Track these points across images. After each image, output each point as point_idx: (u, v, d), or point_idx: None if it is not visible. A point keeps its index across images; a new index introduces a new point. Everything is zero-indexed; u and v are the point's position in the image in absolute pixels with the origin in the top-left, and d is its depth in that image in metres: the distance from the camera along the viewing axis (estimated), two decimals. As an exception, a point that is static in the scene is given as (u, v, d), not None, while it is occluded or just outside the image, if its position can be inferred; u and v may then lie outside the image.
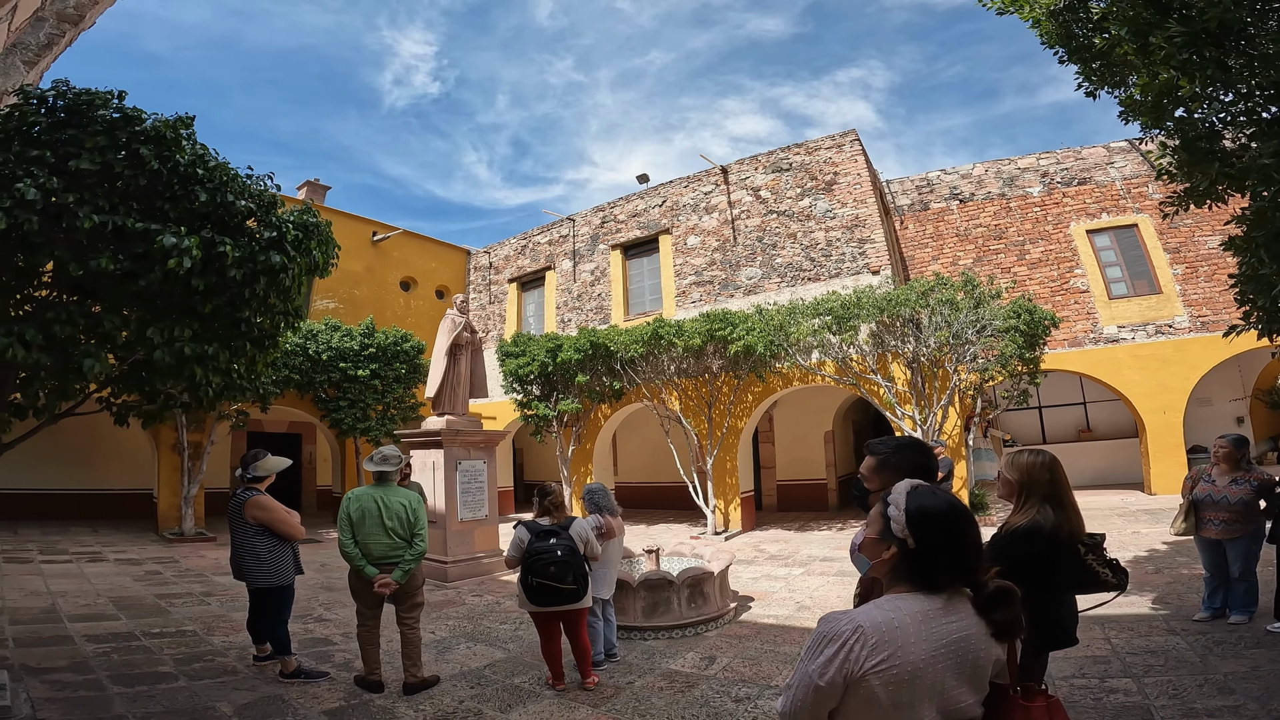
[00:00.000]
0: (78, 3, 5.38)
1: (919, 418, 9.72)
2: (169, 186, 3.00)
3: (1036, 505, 2.54)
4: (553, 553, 4.05)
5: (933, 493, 1.35)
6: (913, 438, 2.07)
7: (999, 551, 2.56)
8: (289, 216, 3.60)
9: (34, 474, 12.57)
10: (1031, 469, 2.57)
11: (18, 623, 5.17)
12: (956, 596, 1.30)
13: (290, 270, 3.59)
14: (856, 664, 1.19)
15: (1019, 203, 12.62)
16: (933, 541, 1.30)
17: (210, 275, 3.25)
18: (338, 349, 12.24)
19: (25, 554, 8.53)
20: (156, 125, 2.89)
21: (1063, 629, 2.53)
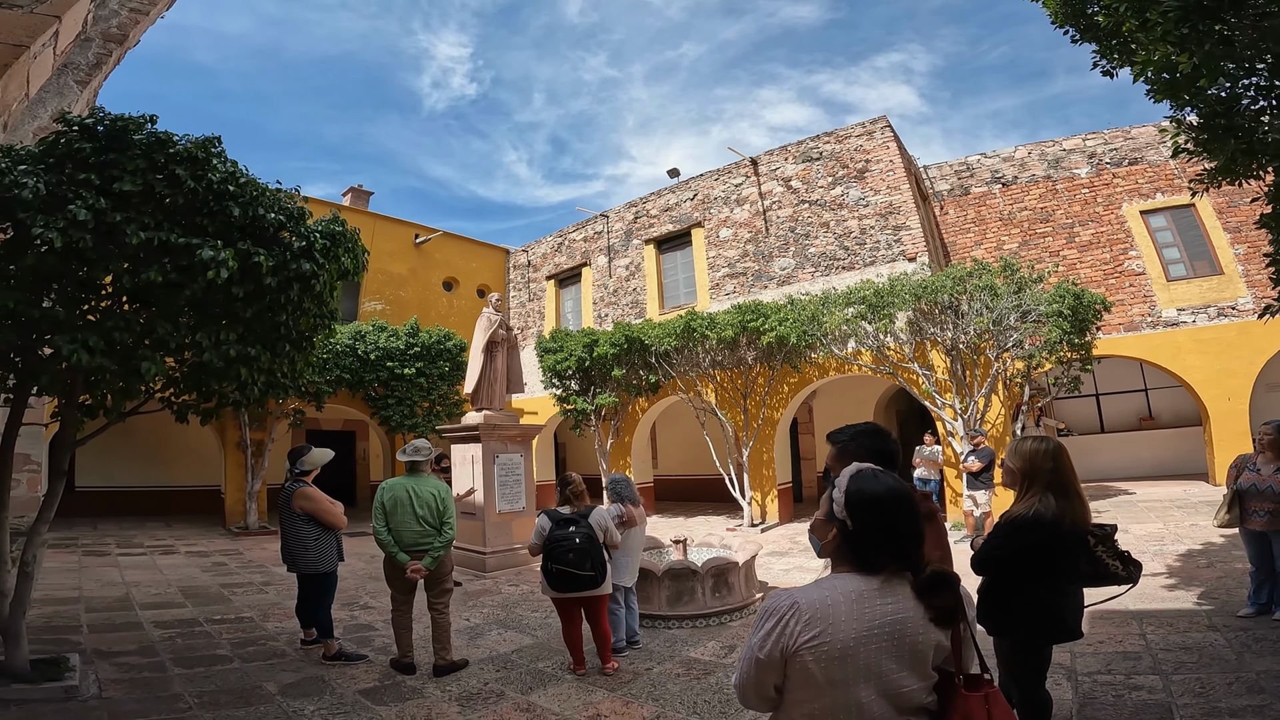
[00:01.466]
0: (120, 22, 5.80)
1: (959, 406, 9.49)
2: (205, 203, 3.27)
3: (1039, 494, 2.48)
4: (571, 540, 4.20)
5: (874, 476, 1.37)
6: (871, 424, 2.09)
7: (999, 541, 2.55)
8: (317, 226, 3.82)
9: (113, 473, 13.60)
10: (1034, 456, 2.52)
11: (93, 610, 5.67)
12: (895, 579, 1.30)
13: (321, 276, 3.81)
14: (791, 639, 1.24)
15: (1066, 185, 12.09)
16: (868, 524, 1.32)
17: (248, 283, 3.51)
18: (385, 349, 12.74)
19: (104, 547, 9.26)
20: (188, 146, 3.15)
21: (1061, 622, 2.47)
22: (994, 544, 2.58)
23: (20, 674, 3.46)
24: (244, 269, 3.42)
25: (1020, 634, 2.53)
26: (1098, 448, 12.87)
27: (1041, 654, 2.61)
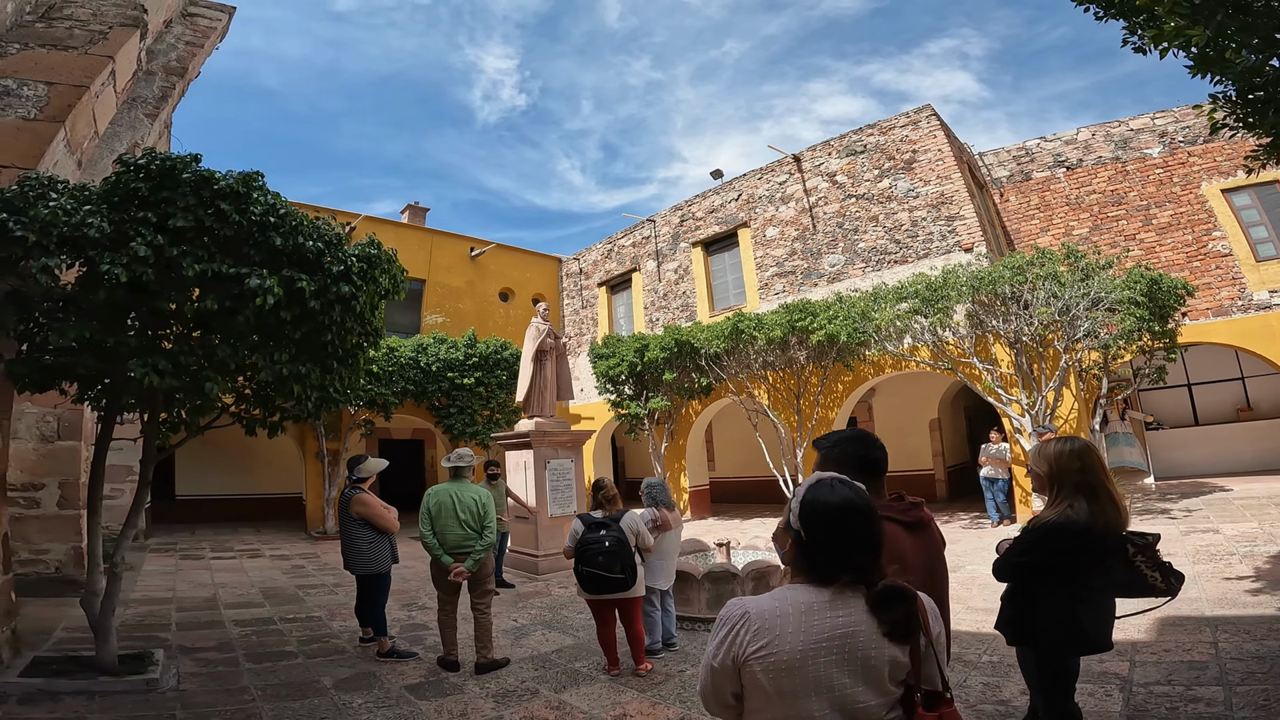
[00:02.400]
0: (179, 55, 6.41)
1: (1027, 402, 9.01)
2: (250, 234, 3.58)
3: (1068, 498, 2.35)
4: (601, 543, 4.31)
5: (830, 486, 1.35)
6: (856, 430, 2.03)
7: (1022, 547, 2.43)
8: (354, 250, 4.10)
9: (210, 483, 14.80)
10: (1059, 458, 2.40)
11: (183, 610, 6.22)
12: (848, 591, 1.27)
13: (360, 297, 4.08)
14: (741, 648, 1.25)
15: (1137, 166, 11.29)
16: (820, 535, 1.30)
17: (295, 307, 3.81)
18: (445, 360, 13.29)
19: (199, 552, 10.10)
20: (230, 183, 3.48)
21: (1083, 632, 2.32)
22: (1017, 550, 2.47)
23: (108, 667, 3.87)
24: (289, 294, 3.71)
25: (1042, 644, 2.41)
26: (1191, 441, 11.89)
27: (1067, 665, 2.47)
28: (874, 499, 1.73)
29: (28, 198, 2.97)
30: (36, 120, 4.30)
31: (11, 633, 4.02)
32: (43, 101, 4.37)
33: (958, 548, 8.25)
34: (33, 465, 6.24)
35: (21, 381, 3.35)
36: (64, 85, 4.42)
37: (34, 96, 4.36)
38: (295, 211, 3.85)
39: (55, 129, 4.29)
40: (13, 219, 2.86)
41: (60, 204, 3.00)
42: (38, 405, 6.27)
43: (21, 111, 4.29)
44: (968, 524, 10.16)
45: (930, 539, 1.90)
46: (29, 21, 4.86)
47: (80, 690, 3.61)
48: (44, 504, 6.22)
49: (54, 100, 4.41)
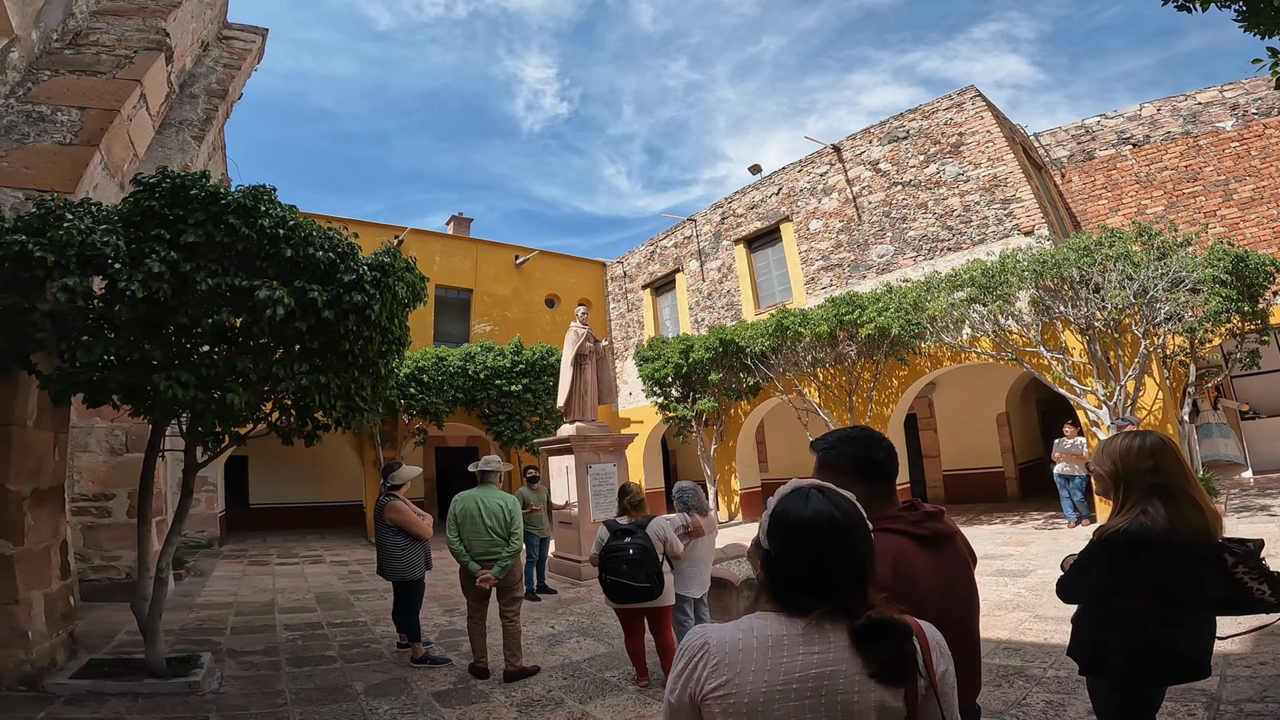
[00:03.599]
0: (219, 78, 6.72)
1: (1104, 392, 8.33)
2: (261, 247, 3.66)
3: (1140, 502, 1.99)
4: (625, 551, 4.17)
5: (806, 497, 1.14)
6: (857, 429, 1.73)
7: (1086, 563, 2.09)
8: (367, 260, 4.13)
9: (281, 491, 15.56)
10: (1126, 456, 2.03)
11: (240, 614, 6.48)
12: (827, 624, 1.07)
13: (374, 306, 4.10)
14: (698, 685, 1.08)
15: (1210, 140, 10.37)
16: (790, 555, 1.11)
17: (309, 318, 3.85)
18: (492, 368, 13.51)
19: (266, 558, 10.58)
20: (238, 197, 3.56)
21: (1173, 658, 1.97)
22: (1081, 567, 2.12)
23: (155, 670, 4.02)
24: (303, 304, 3.76)
25: (1119, 673, 2.04)
26: (1294, 432, 10.74)
27: (1149, 695, 2.12)
28: (880, 509, 1.51)
29: (47, 220, 3.12)
30: (72, 145, 4.54)
31: (69, 635, 4.24)
32: (76, 126, 4.60)
33: (1028, 550, 7.70)
34: (103, 476, 6.65)
35: (55, 397, 3.53)
36: (96, 110, 4.66)
37: (68, 122, 4.60)
38: (305, 223, 3.90)
39: (90, 153, 4.51)
40: (32, 241, 3.01)
41: (76, 224, 3.14)
42: (106, 420, 6.68)
43: (57, 136, 4.53)
44: (1041, 524, 9.50)
45: (952, 555, 1.61)
46: (58, 49, 5.07)
47: (126, 692, 3.76)
48: (114, 513, 6.61)
49: (87, 124, 4.63)
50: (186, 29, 5.87)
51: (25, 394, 3.86)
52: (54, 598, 4.09)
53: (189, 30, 5.92)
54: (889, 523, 1.50)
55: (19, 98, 4.71)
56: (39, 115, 4.61)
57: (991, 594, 5.92)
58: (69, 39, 5.18)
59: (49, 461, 4.35)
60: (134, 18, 5.46)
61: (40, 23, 4.86)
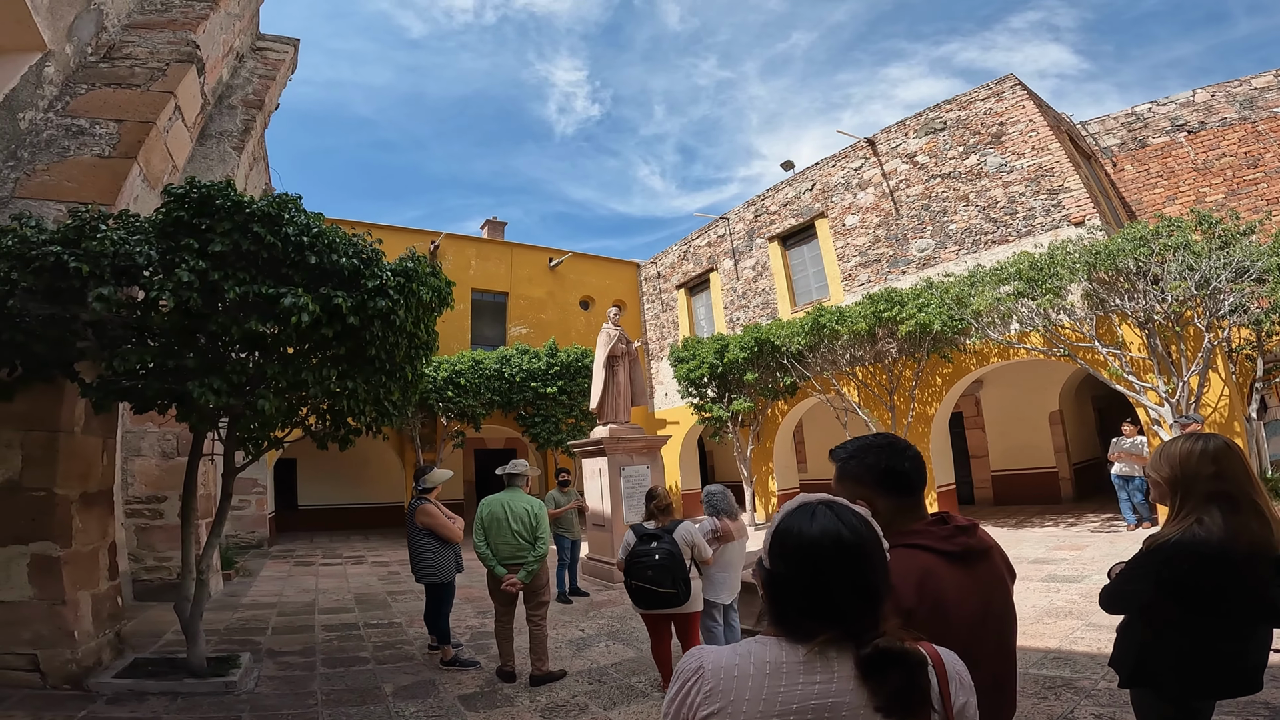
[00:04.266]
0: (255, 89, 6.91)
1: (1165, 389, 7.86)
2: (286, 255, 3.73)
3: (1197, 510, 1.85)
4: (651, 556, 4.10)
5: (812, 514, 1.06)
6: (880, 436, 1.58)
7: (1139, 572, 1.93)
8: (390, 265, 4.17)
9: (329, 493, 16.03)
10: (1187, 460, 1.89)
11: (282, 614, 6.65)
12: (831, 651, 1.00)
13: (398, 312, 4.13)
14: (691, 710, 1.02)
15: (1269, 125, 9.77)
16: (789, 575, 1.04)
17: (335, 324, 3.91)
18: (528, 370, 13.61)
19: (311, 558, 10.89)
20: (263, 206, 3.63)
21: (1227, 671, 1.84)
22: (1127, 577, 1.98)
23: (196, 669, 4.14)
24: (328, 311, 3.81)
25: (1165, 687, 1.90)
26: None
27: (1190, 709, 1.96)
28: (906, 523, 1.41)
29: (82, 231, 3.24)
30: (111, 157, 4.71)
31: (116, 635, 4.40)
32: (115, 139, 4.76)
33: (1083, 554, 7.34)
34: (156, 480, 6.94)
35: (96, 405, 3.66)
36: (132, 122, 4.81)
37: (106, 134, 4.75)
38: (329, 230, 3.96)
39: (129, 165, 4.67)
40: (67, 252, 3.13)
41: (109, 235, 3.25)
42: (157, 425, 6.97)
43: (96, 149, 4.69)
44: (1098, 526, 9.05)
45: (987, 573, 1.47)
46: (93, 62, 5.20)
47: (166, 691, 3.87)
48: (166, 515, 6.89)
49: (125, 137, 4.78)
50: (216, 40, 6.02)
51: (72, 401, 4.03)
52: (101, 598, 4.25)
53: (219, 41, 6.07)
54: (915, 538, 1.39)
55: (58, 111, 4.88)
56: (78, 128, 4.77)
57: (1042, 600, 5.65)
58: (103, 52, 5.34)
59: (97, 466, 4.54)
60: (164, 30, 5.62)
61: (73, 36, 5.03)
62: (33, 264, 3.16)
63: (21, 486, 3.80)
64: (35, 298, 3.23)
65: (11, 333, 3.33)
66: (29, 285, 3.19)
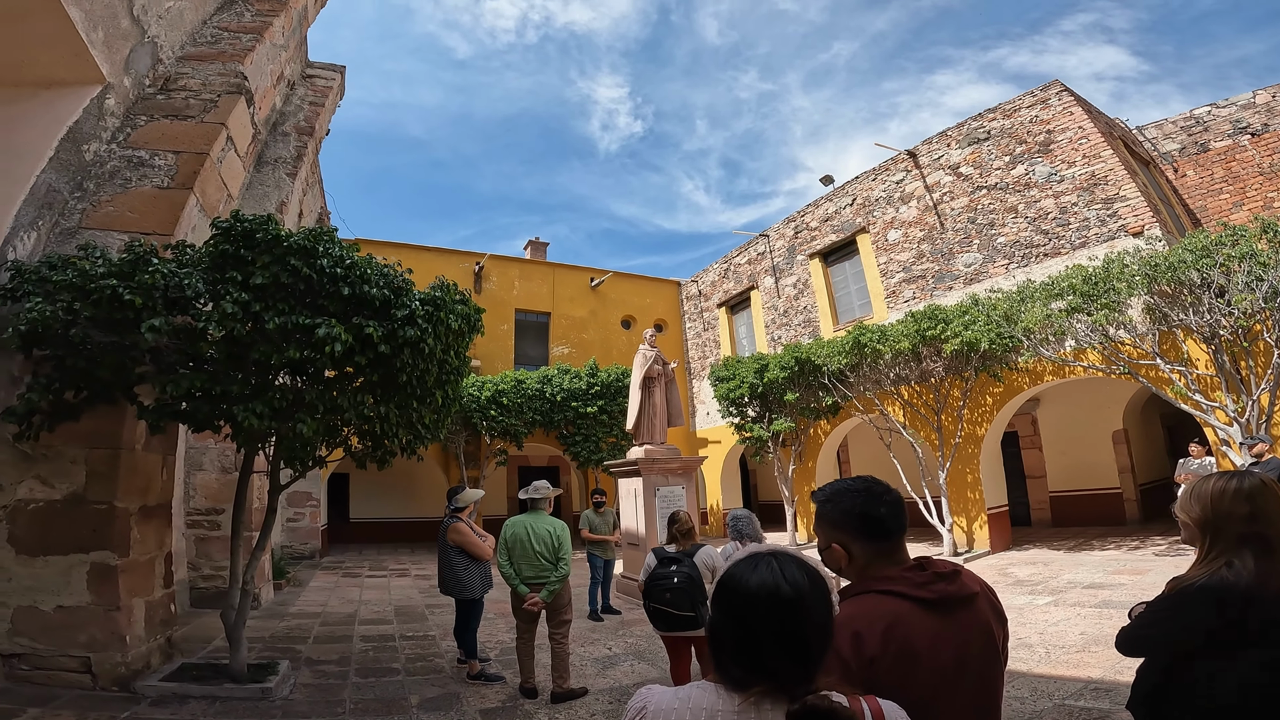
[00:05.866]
0: (306, 115, 7.31)
1: (1234, 408, 7.37)
2: (321, 286, 3.96)
3: (1226, 553, 1.75)
4: (670, 579, 4.13)
5: (754, 563, 1.07)
6: (860, 479, 1.55)
7: (1154, 618, 1.85)
8: (419, 294, 4.36)
9: (378, 506, 16.58)
10: (1219, 499, 1.80)
11: (326, 624, 6.92)
12: (766, 703, 1.00)
13: (427, 340, 4.30)
14: None
15: None
16: (722, 622, 1.05)
17: (368, 352, 4.11)
18: (569, 390, 13.83)
19: (358, 570, 11.28)
20: (299, 240, 3.87)
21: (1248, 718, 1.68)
22: (1147, 620, 1.89)
23: (236, 675, 4.37)
24: (360, 340, 4.02)
25: None
26: None
27: None
28: (883, 568, 1.42)
29: (137, 264, 3.55)
30: (169, 188, 4.97)
31: (166, 641, 4.70)
32: (172, 170, 5.02)
33: (1143, 579, 6.93)
34: (215, 493, 7.37)
35: (151, 426, 3.97)
36: (188, 153, 5.07)
37: (165, 166, 5.01)
38: (362, 261, 4.18)
39: (186, 195, 4.96)
40: (122, 285, 3.43)
41: (161, 268, 3.54)
42: (218, 442, 7.42)
43: (155, 180, 4.95)
44: (1164, 550, 8.51)
45: (969, 620, 1.43)
46: (151, 94, 5.38)
47: (207, 695, 4.10)
48: (223, 526, 7.29)
49: (181, 168, 5.03)
50: (264, 70, 6.33)
51: (133, 421, 4.35)
52: (155, 605, 4.55)
53: (267, 71, 6.38)
54: (888, 584, 1.37)
55: (120, 143, 5.13)
56: (139, 160, 5.03)
57: (1091, 627, 5.38)
58: (160, 84, 5.56)
59: (156, 481, 4.88)
60: (215, 62, 5.84)
61: (131, 69, 5.26)
62: (92, 296, 3.48)
63: (85, 499, 4.13)
64: (96, 327, 3.54)
65: (75, 359, 3.66)
66: (90, 315, 3.51)
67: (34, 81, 4.74)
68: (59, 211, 4.76)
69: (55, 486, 4.16)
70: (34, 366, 4.03)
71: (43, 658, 3.93)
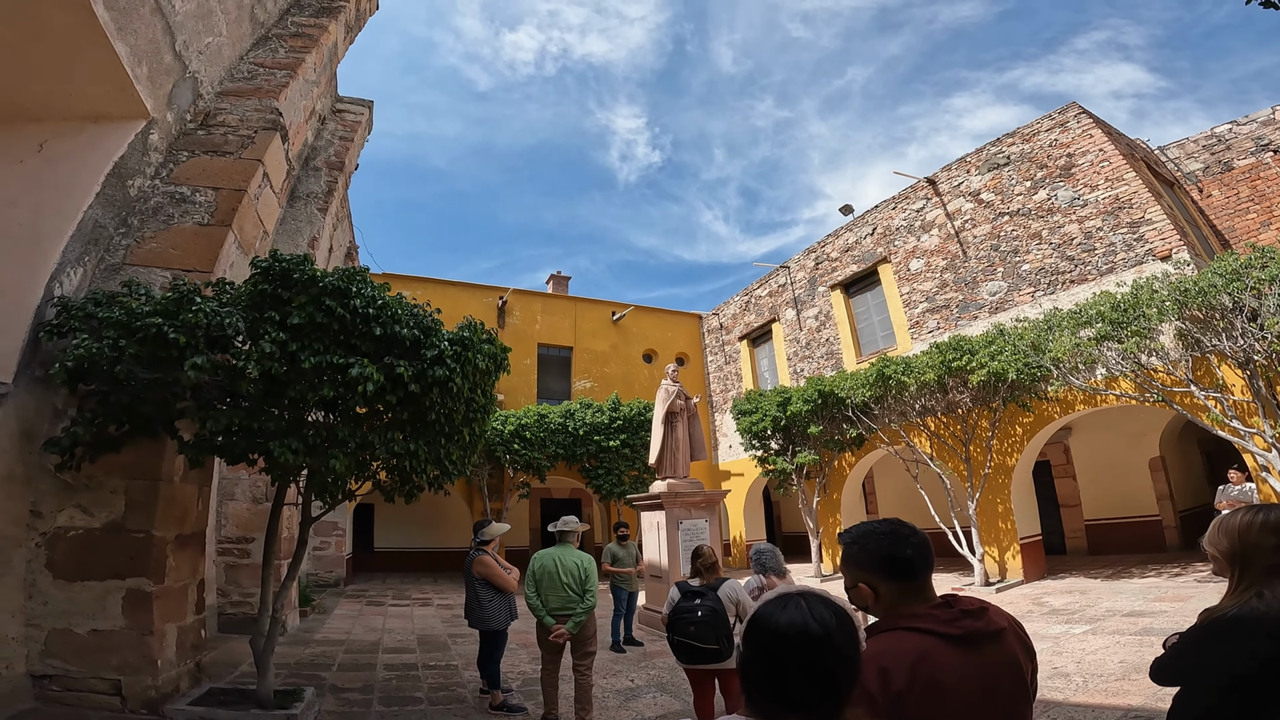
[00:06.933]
0: (336, 150, 7.54)
1: (1271, 434, 7.15)
2: (355, 326, 4.10)
3: (1257, 584, 1.77)
4: (694, 613, 4.11)
5: (784, 603, 1.13)
6: (886, 522, 1.61)
7: (1186, 649, 1.86)
8: (448, 335, 4.48)
9: (403, 537, 16.68)
10: (1246, 532, 1.83)
11: (350, 652, 6.96)
12: None
13: (455, 379, 4.40)
14: None
15: None
16: (757, 660, 1.10)
17: (398, 391, 4.22)
18: (591, 424, 13.90)
19: (382, 599, 11.31)
20: (333, 281, 4.03)
21: None
22: (1180, 650, 1.90)
23: (263, 701, 4.41)
24: (391, 379, 4.14)
25: None
26: None
27: None
28: (909, 606, 1.45)
29: (181, 303, 3.73)
30: (209, 225, 5.06)
31: (195, 665, 4.77)
32: (212, 207, 5.08)
33: (1185, 606, 6.72)
34: (245, 522, 7.53)
35: (191, 460, 4.11)
36: (227, 190, 5.07)
37: (205, 202, 5.07)
38: (393, 301, 4.33)
39: (225, 233, 5.03)
40: (167, 324, 3.60)
41: (204, 307, 3.72)
42: (250, 474, 7.61)
43: (196, 217, 5.03)
44: (1206, 576, 8.22)
45: (996, 655, 1.46)
46: (192, 129, 5.42)
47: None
48: (253, 555, 7.43)
49: (220, 205, 5.09)
50: (298, 106, 6.46)
51: (172, 454, 4.51)
52: (186, 630, 4.64)
53: (300, 107, 6.50)
54: (916, 621, 1.41)
55: (163, 178, 5.19)
56: (181, 196, 5.09)
57: (1132, 655, 5.24)
58: (200, 119, 5.61)
59: (192, 511, 5.02)
60: (251, 98, 5.90)
61: (173, 105, 5.32)
62: (137, 334, 3.66)
63: (123, 528, 4.27)
64: (140, 364, 3.71)
65: (120, 394, 3.83)
66: (135, 353, 3.68)
67: (82, 115, 4.82)
68: (104, 247, 4.87)
69: (95, 515, 4.30)
70: (79, 401, 4.19)
71: (74, 679, 4.01)
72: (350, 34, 7.76)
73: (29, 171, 4.60)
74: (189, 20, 5.38)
